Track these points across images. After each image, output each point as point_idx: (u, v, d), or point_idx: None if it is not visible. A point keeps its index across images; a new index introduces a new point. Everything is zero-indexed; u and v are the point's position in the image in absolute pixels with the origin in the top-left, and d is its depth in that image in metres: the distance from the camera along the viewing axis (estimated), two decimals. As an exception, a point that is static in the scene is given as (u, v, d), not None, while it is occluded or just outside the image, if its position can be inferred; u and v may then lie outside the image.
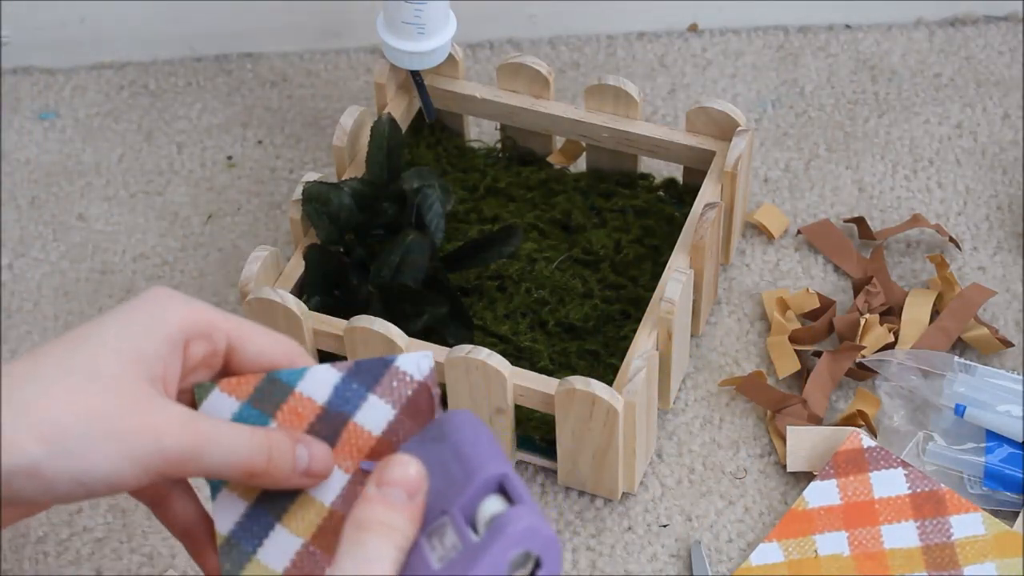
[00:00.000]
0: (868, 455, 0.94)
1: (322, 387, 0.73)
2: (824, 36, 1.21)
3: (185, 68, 1.21)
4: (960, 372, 0.98)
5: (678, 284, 0.93)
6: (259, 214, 1.12)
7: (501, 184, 1.07)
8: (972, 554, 0.90)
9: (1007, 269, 1.07)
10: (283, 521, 0.72)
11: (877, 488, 0.93)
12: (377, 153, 1.00)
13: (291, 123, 1.17)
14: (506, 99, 1.06)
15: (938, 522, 0.92)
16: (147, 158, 1.16)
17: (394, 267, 0.95)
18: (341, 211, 0.97)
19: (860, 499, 0.93)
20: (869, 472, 0.93)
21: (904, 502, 0.92)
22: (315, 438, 0.71)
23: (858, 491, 0.93)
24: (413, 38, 1.03)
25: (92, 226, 1.12)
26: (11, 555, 0.95)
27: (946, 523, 0.92)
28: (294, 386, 0.73)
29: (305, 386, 0.73)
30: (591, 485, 0.95)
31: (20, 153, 1.16)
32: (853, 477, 0.93)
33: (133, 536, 0.96)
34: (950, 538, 0.91)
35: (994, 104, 1.16)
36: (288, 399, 0.73)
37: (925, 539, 0.91)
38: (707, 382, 1.02)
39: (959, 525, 0.91)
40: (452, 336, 0.96)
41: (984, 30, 1.21)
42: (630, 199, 1.05)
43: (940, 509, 0.92)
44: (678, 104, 1.17)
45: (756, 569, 0.92)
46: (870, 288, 1.03)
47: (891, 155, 1.14)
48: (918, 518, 0.92)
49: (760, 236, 1.09)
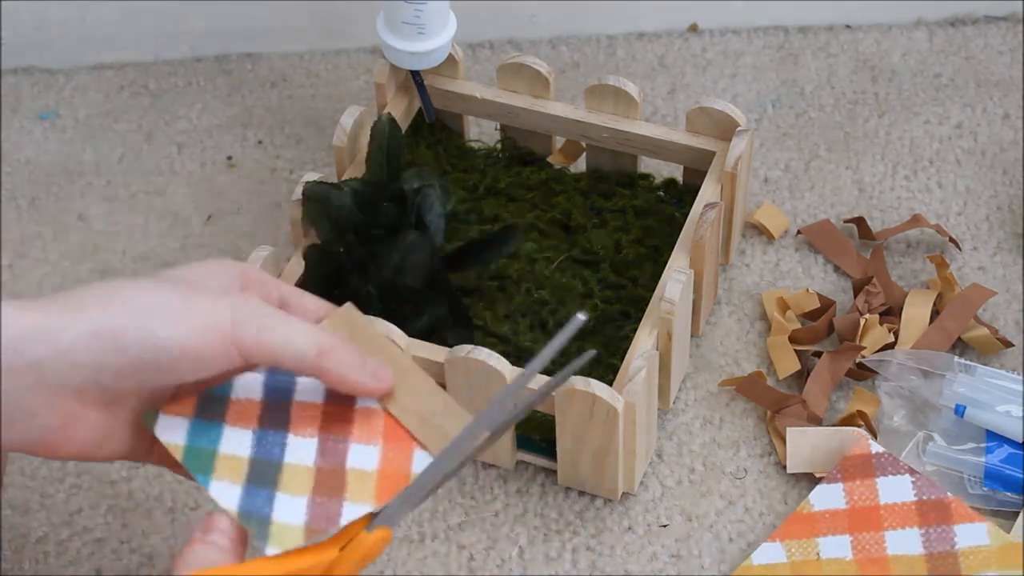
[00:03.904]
0: (876, 460, 0.94)
1: (254, 387, 0.80)
2: (824, 36, 1.21)
3: (185, 68, 1.21)
4: (960, 372, 0.98)
5: (678, 284, 0.93)
6: (259, 214, 1.12)
7: (501, 184, 1.07)
8: (975, 564, 0.90)
9: (1007, 269, 1.07)
10: (280, 489, 0.76)
11: (883, 494, 0.93)
12: (377, 153, 1.00)
13: (291, 123, 1.17)
14: (506, 99, 1.06)
15: (943, 530, 0.91)
16: (147, 158, 1.16)
17: (394, 267, 0.95)
18: (341, 211, 0.97)
19: (866, 504, 0.93)
20: (876, 477, 0.93)
21: (910, 509, 0.92)
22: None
23: (864, 496, 0.93)
24: (413, 38, 1.03)
25: (92, 226, 1.12)
26: (11, 555, 0.95)
27: (950, 532, 0.91)
28: (229, 394, 0.80)
29: (239, 391, 0.80)
30: (591, 485, 0.95)
31: (20, 153, 1.16)
32: (860, 482, 0.93)
33: (133, 536, 0.96)
34: (954, 547, 0.91)
35: (994, 104, 1.16)
36: (229, 405, 0.79)
37: (929, 547, 0.91)
38: (707, 382, 1.02)
39: (963, 534, 0.91)
40: (452, 336, 0.96)
41: (984, 30, 1.21)
42: (630, 199, 1.05)
43: (945, 517, 0.92)
44: (678, 104, 1.17)
45: (758, 568, 0.92)
46: (870, 288, 1.03)
47: (891, 155, 1.14)
48: (923, 525, 0.92)
49: (760, 236, 1.09)
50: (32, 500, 0.97)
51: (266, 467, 0.77)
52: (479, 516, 0.96)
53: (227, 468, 0.77)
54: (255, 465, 0.77)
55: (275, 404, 0.80)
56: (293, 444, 0.78)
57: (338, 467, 0.78)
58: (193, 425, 0.78)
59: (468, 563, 0.94)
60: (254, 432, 0.79)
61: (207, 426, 0.78)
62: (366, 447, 0.79)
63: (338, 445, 0.78)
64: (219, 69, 1.21)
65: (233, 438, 0.78)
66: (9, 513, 0.96)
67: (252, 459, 0.78)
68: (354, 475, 0.77)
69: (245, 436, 0.79)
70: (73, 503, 0.97)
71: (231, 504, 0.76)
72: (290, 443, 0.78)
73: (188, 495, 0.97)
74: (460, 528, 0.95)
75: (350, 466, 0.78)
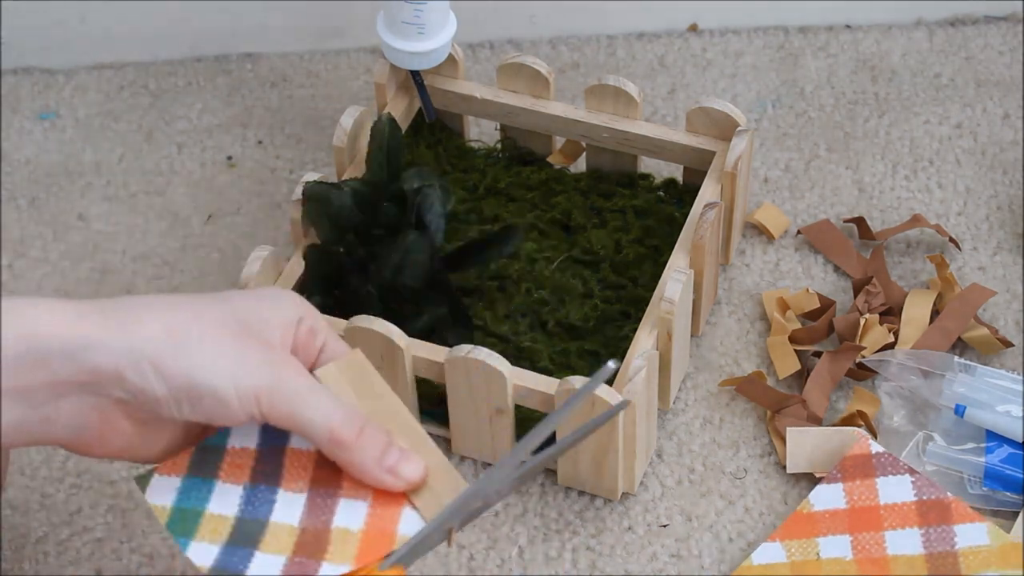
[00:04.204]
0: (876, 460, 0.94)
1: (249, 434, 0.80)
2: (824, 36, 1.21)
3: (185, 68, 1.21)
4: (960, 372, 0.98)
5: (678, 284, 0.93)
6: (259, 214, 1.12)
7: (501, 184, 1.07)
8: (975, 564, 0.90)
9: (1007, 269, 1.07)
10: (260, 548, 0.76)
11: (883, 494, 0.93)
12: (377, 153, 0.99)
13: (291, 123, 1.17)
14: (506, 99, 1.06)
15: (943, 530, 0.91)
16: (147, 158, 1.16)
17: (394, 267, 0.95)
18: (341, 211, 0.97)
19: (866, 504, 0.93)
20: (876, 477, 0.93)
21: (910, 509, 0.92)
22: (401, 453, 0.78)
23: (864, 496, 0.93)
24: (413, 38, 1.03)
25: (92, 226, 1.12)
26: (11, 555, 0.95)
27: (950, 532, 0.91)
28: (225, 443, 0.80)
29: (235, 440, 0.80)
30: (591, 485, 0.95)
31: (20, 153, 1.16)
32: (860, 482, 0.93)
33: (133, 536, 0.96)
34: (954, 547, 0.90)
35: (994, 104, 1.16)
36: (224, 456, 0.79)
37: (929, 547, 0.91)
38: (707, 382, 1.02)
39: (963, 534, 0.91)
40: (452, 336, 0.96)
41: (984, 30, 1.21)
42: (630, 199, 1.05)
43: (945, 517, 0.91)
44: (678, 104, 1.17)
45: (758, 568, 0.92)
46: (870, 288, 1.03)
47: (891, 155, 1.14)
48: (923, 525, 0.91)
49: (760, 236, 1.09)
50: (32, 500, 0.97)
51: (251, 527, 0.77)
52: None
53: (211, 529, 0.77)
54: (240, 525, 0.78)
55: (270, 451, 0.80)
56: (282, 500, 0.78)
57: (323, 526, 0.77)
58: (184, 484, 0.79)
59: (468, 563, 0.94)
60: (244, 488, 0.79)
61: (198, 484, 0.79)
62: (354, 502, 0.78)
63: (327, 500, 0.78)
64: (219, 69, 1.21)
65: (222, 497, 0.79)
66: (9, 513, 0.96)
67: (238, 519, 0.78)
68: (338, 534, 0.77)
69: (235, 493, 0.79)
70: (73, 503, 0.97)
71: (206, 562, 0.76)
72: (279, 499, 0.78)
73: (188, 495, 0.97)
74: (460, 528, 0.95)
75: (335, 525, 0.77)
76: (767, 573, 0.91)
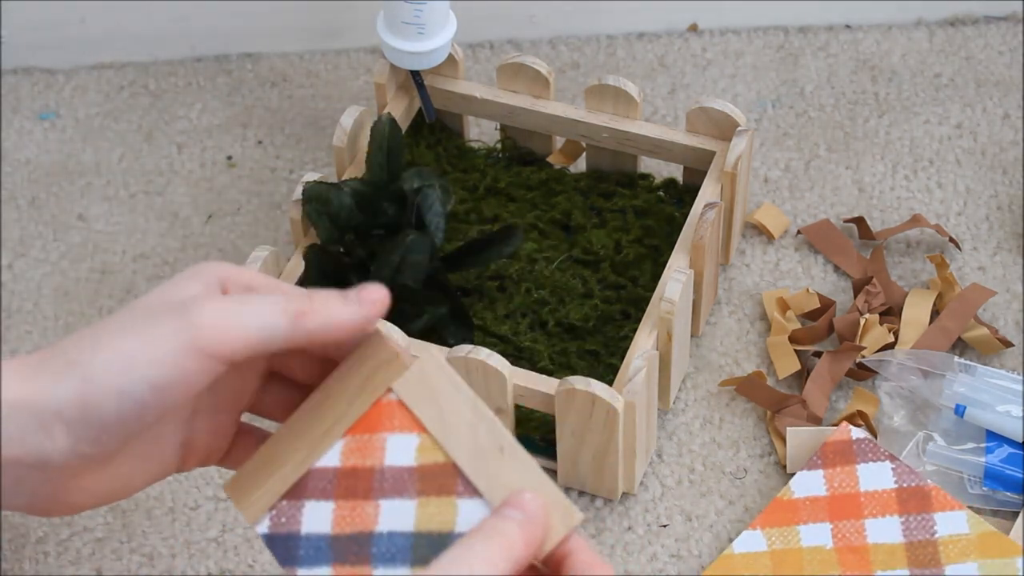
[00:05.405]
0: (856, 447, 0.94)
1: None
2: (824, 36, 1.21)
3: (185, 68, 1.21)
4: (960, 372, 0.98)
5: (678, 284, 0.93)
6: (259, 214, 1.12)
7: (501, 184, 1.07)
8: (955, 553, 0.90)
9: (1007, 269, 1.07)
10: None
11: (863, 481, 0.93)
12: (377, 153, 1.00)
13: (291, 123, 1.17)
14: (506, 99, 1.06)
15: (922, 518, 0.91)
16: (147, 158, 1.16)
17: (394, 267, 0.95)
18: (341, 211, 0.97)
19: (846, 491, 0.93)
20: (856, 464, 0.93)
21: (890, 496, 0.92)
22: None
23: (844, 483, 0.93)
24: (413, 38, 1.03)
25: (92, 226, 1.12)
26: (11, 555, 0.95)
27: (930, 520, 0.91)
28: None
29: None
30: (591, 485, 0.95)
31: (20, 153, 1.16)
32: (840, 468, 0.93)
33: (133, 536, 0.96)
34: (934, 535, 0.91)
35: (994, 104, 1.16)
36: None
37: (909, 535, 0.91)
38: (707, 382, 1.02)
39: (943, 522, 0.91)
40: (452, 336, 0.96)
41: (984, 30, 1.21)
42: (630, 199, 1.05)
43: (925, 505, 0.92)
44: (678, 104, 1.17)
45: (738, 557, 0.92)
46: (870, 288, 1.03)
47: (891, 155, 1.14)
48: (903, 513, 0.92)
49: (760, 236, 1.09)
50: (32, 500, 0.97)
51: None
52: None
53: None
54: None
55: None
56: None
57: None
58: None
59: (468, 563, 0.94)
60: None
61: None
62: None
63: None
64: (219, 69, 1.21)
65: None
66: (9, 513, 0.96)
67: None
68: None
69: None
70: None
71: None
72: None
73: (188, 495, 0.97)
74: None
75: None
76: (747, 562, 0.91)
